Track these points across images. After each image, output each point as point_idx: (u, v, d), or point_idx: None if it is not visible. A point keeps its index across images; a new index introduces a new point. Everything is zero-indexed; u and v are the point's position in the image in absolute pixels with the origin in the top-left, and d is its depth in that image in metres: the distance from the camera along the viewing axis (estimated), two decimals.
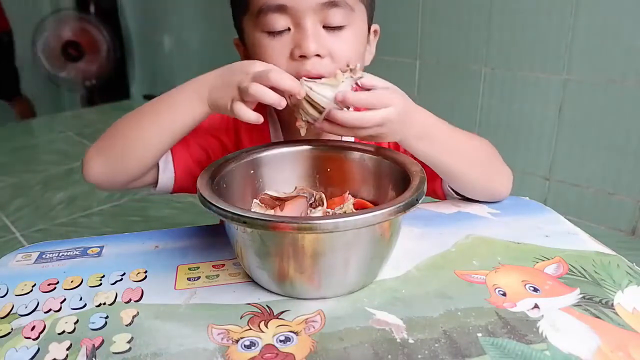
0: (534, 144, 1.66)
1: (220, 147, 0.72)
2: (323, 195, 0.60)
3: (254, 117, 0.55)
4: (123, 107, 3.43)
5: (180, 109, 0.61)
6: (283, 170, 0.61)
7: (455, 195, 0.69)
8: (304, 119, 0.56)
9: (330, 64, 0.61)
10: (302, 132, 0.57)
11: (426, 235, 0.62)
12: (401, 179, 0.54)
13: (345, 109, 0.53)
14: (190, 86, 0.61)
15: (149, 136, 0.63)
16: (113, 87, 3.44)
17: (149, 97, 3.44)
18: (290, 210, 0.57)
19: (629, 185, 1.49)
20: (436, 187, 0.70)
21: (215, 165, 0.57)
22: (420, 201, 0.49)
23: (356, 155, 0.61)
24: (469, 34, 1.74)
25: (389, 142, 0.63)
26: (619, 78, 1.44)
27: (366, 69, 0.62)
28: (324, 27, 0.62)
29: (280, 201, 0.58)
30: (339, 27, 0.62)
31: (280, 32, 0.62)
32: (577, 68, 1.51)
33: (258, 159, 0.61)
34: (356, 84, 0.54)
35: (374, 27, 0.72)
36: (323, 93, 0.53)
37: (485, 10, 1.67)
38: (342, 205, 0.58)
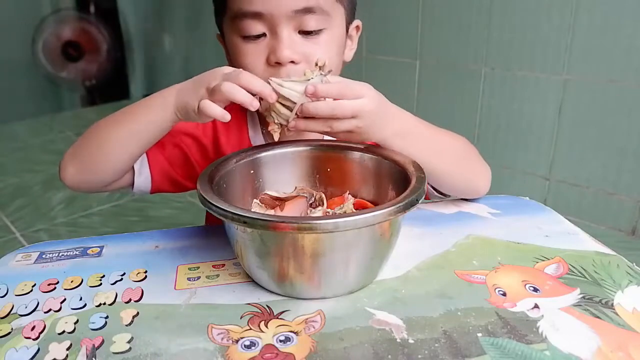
0: (534, 144, 1.66)
1: (197, 147, 0.73)
2: (323, 195, 0.60)
3: (220, 113, 0.53)
4: (123, 107, 3.43)
5: (148, 115, 0.61)
6: (283, 170, 0.61)
7: (436, 194, 0.69)
8: (276, 121, 0.55)
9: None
10: (276, 136, 0.56)
11: (426, 235, 0.62)
12: (401, 179, 0.54)
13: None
14: (161, 93, 0.61)
15: (119, 142, 0.63)
16: (113, 87, 3.44)
17: None
18: (290, 210, 0.57)
19: (629, 185, 1.49)
20: None
21: (215, 165, 0.57)
22: (420, 201, 0.49)
23: (356, 155, 0.61)
24: (469, 34, 1.74)
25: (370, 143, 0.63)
26: (619, 78, 1.44)
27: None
28: (300, 32, 0.62)
29: (280, 201, 0.58)
30: (316, 32, 0.62)
31: (256, 38, 0.62)
32: (577, 68, 1.51)
33: (258, 159, 0.61)
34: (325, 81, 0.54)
35: (356, 22, 0.71)
36: (293, 88, 0.53)
37: (485, 10, 1.67)
38: (342, 205, 0.58)
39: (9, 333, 0.48)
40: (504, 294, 0.50)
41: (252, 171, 0.60)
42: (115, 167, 0.65)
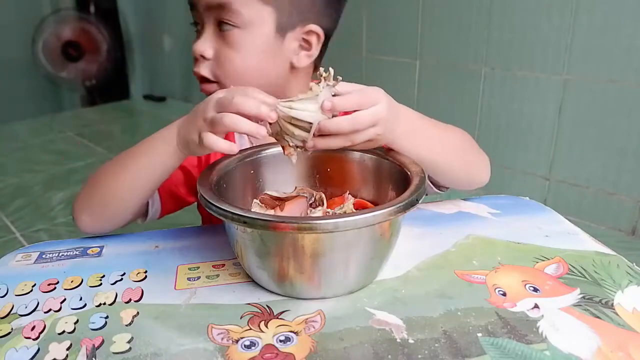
0: (534, 144, 1.66)
1: (197, 161, 0.72)
2: (323, 195, 0.60)
3: (227, 146, 0.51)
4: (123, 107, 3.43)
5: (153, 158, 0.59)
6: (283, 170, 0.61)
7: (435, 189, 0.69)
8: (291, 144, 0.51)
9: (214, 68, 0.63)
10: (294, 159, 0.53)
11: (426, 235, 0.62)
12: (401, 179, 0.54)
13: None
14: (161, 133, 0.59)
15: (129, 188, 0.61)
16: (113, 87, 3.44)
17: (148, 97, 3.43)
18: (290, 210, 0.57)
19: (629, 185, 1.49)
20: None
21: (215, 165, 0.57)
22: (420, 201, 0.49)
23: (356, 155, 0.61)
24: (469, 34, 1.74)
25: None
26: (619, 78, 1.44)
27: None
28: (217, 29, 0.63)
29: (280, 201, 0.58)
30: (228, 30, 0.62)
31: (198, 27, 0.65)
32: (577, 68, 1.51)
33: (258, 159, 0.61)
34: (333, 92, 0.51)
35: (309, 27, 0.66)
36: (306, 108, 0.49)
37: (485, 10, 1.67)
38: (342, 205, 0.58)
39: (9, 333, 0.48)
40: (504, 294, 0.50)
41: (252, 171, 0.60)
42: (128, 210, 0.64)
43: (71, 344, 0.46)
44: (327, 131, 0.50)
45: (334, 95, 0.50)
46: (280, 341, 0.45)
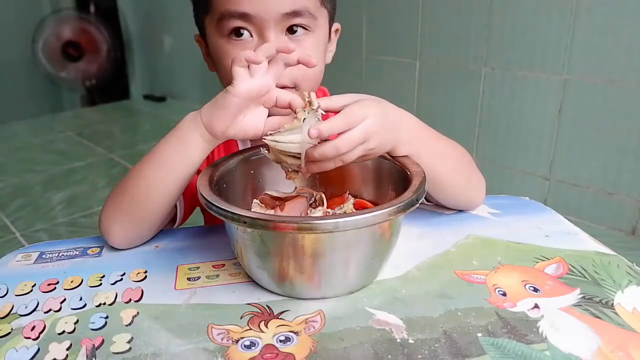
0: (534, 144, 1.66)
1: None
2: (323, 195, 0.60)
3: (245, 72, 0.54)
4: (123, 107, 3.44)
5: (179, 149, 0.57)
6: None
7: (427, 203, 0.68)
8: (290, 170, 0.54)
9: (295, 72, 0.61)
10: (297, 183, 0.55)
11: (426, 235, 0.62)
12: (401, 179, 0.54)
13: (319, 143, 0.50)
14: (182, 124, 0.58)
15: (158, 184, 0.59)
16: (113, 87, 3.44)
17: (148, 97, 3.42)
18: (291, 210, 0.57)
19: (629, 185, 1.49)
20: None
21: (215, 165, 0.57)
22: (420, 201, 0.49)
23: None
24: (469, 34, 1.74)
25: None
26: (619, 78, 1.44)
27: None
28: (286, 34, 0.62)
29: (280, 201, 0.58)
30: (302, 35, 0.63)
31: (242, 39, 0.62)
32: (577, 68, 1.51)
33: (258, 159, 0.61)
34: (320, 114, 0.51)
35: (336, 26, 0.71)
36: (290, 140, 0.50)
37: (485, 10, 1.67)
38: (342, 205, 0.58)
39: (9, 333, 0.48)
40: (504, 294, 0.50)
41: (252, 171, 0.60)
42: (160, 212, 0.61)
43: (71, 344, 0.46)
44: (313, 159, 0.50)
45: (323, 115, 0.50)
46: (280, 341, 0.45)
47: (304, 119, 0.50)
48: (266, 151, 0.54)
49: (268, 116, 0.57)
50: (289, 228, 0.45)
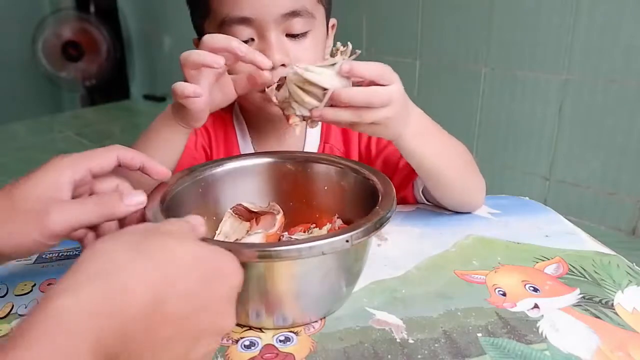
0: (534, 144, 1.66)
1: (204, 155, 0.72)
2: (279, 217, 0.53)
3: (191, 89, 0.53)
4: (123, 107, 3.44)
5: (161, 135, 0.61)
6: (251, 182, 0.58)
7: (426, 202, 0.68)
8: (298, 113, 0.49)
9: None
10: (298, 130, 0.51)
11: (426, 235, 0.62)
12: (371, 195, 0.49)
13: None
14: (160, 116, 0.61)
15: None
16: (113, 87, 3.44)
17: (148, 97, 3.42)
18: (268, 224, 0.53)
19: (629, 185, 1.49)
20: (407, 194, 0.69)
21: (164, 185, 0.51)
22: (385, 224, 0.44)
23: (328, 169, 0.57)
24: (469, 34, 1.74)
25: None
26: (619, 78, 1.44)
27: None
28: (287, 35, 0.62)
29: (254, 215, 0.56)
30: (302, 35, 0.63)
31: (244, 42, 0.60)
32: (577, 68, 1.52)
33: (209, 176, 0.56)
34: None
35: (332, 21, 0.71)
36: (322, 72, 0.47)
37: (485, 10, 1.67)
38: (310, 229, 0.56)
39: (9, 333, 0.48)
40: (504, 294, 0.50)
41: (200, 190, 0.56)
42: None
43: None
44: (340, 100, 0.47)
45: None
46: (280, 341, 0.45)
47: (334, 63, 0.47)
48: (275, 89, 0.50)
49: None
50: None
